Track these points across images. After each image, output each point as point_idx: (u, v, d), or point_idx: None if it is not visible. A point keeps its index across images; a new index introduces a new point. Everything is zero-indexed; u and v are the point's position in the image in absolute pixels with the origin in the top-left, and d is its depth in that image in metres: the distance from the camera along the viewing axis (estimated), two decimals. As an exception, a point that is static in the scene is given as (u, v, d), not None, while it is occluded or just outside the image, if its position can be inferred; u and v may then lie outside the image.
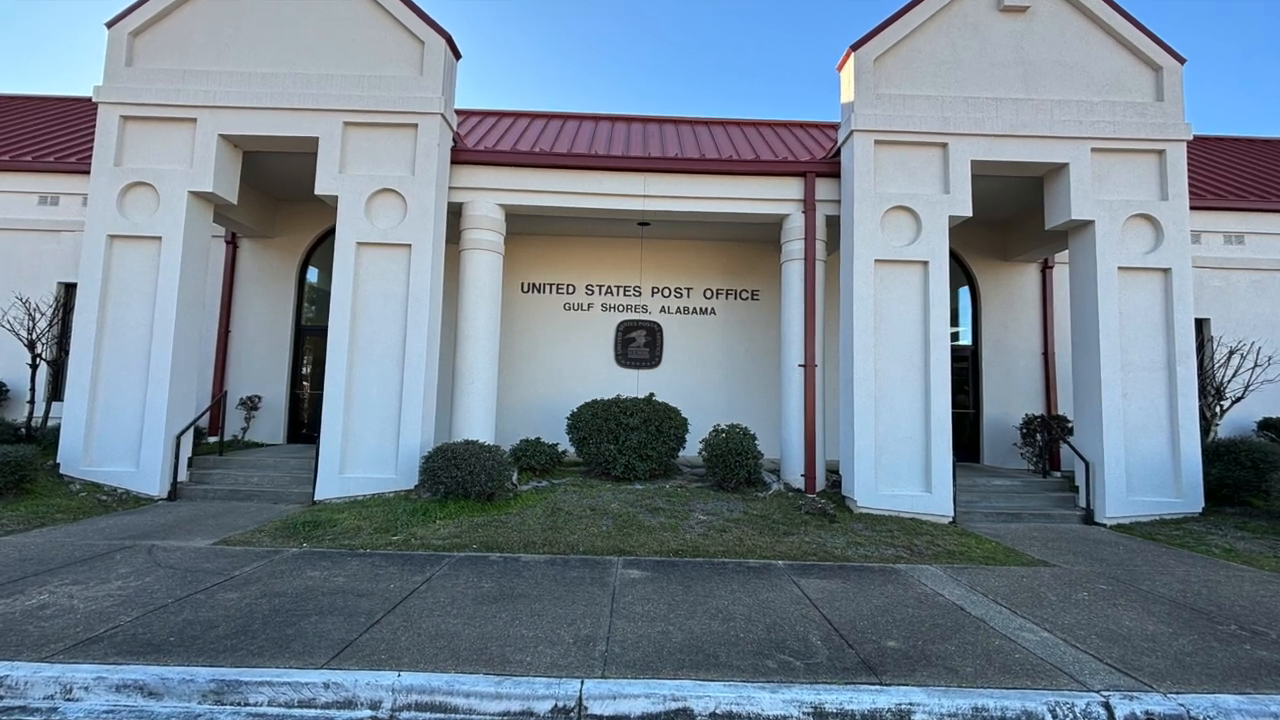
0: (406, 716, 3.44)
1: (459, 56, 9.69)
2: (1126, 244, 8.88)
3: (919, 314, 8.74)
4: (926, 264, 8.76)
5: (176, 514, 7.65)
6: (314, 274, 12.13)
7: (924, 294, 8.75)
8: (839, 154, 9.68)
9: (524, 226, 11.46)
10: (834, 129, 13.56)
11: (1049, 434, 10.65)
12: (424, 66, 9.05)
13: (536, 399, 11.68)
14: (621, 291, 12.15)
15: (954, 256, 11.40)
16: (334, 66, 9.04)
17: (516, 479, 8.72)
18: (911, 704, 3.47)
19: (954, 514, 8.35)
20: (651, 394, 9.81)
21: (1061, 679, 3.79)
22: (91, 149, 9.60)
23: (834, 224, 9.85)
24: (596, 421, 9.21)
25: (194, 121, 8.85)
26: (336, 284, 8.68)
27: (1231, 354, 10.46)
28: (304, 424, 11.73)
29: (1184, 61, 9.14)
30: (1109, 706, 3.53)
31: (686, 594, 5.15)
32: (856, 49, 9.13)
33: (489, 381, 9.47)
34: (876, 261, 8.79)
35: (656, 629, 4.38)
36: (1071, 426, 10.21)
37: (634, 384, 11.70)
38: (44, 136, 12.72)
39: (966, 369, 12.03)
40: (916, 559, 6.53)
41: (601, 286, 12.14)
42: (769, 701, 3.46)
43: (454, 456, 7.84)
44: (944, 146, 8.95)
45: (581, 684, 3.55)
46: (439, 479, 7.82)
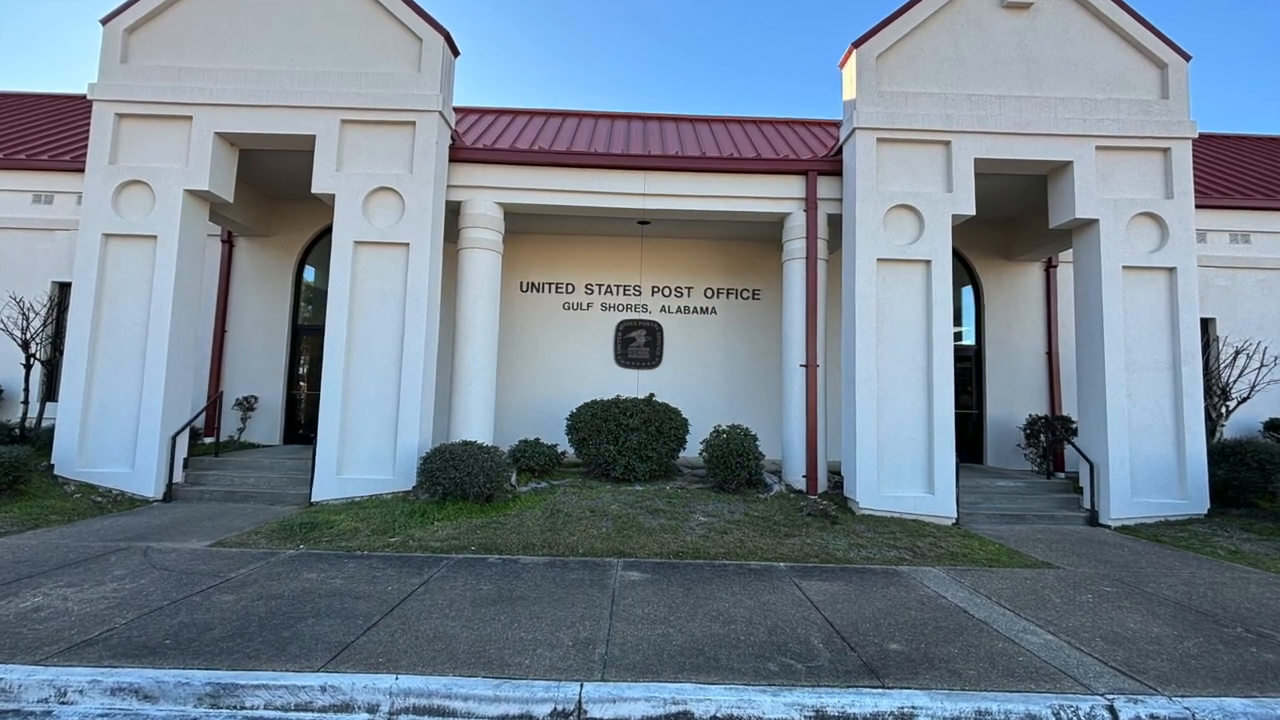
0: (404, 720, 3.41)
1: (457, 54, 9.65)
2: (1131, 243, 8.82)
3: (921, 313, 8.68)
4: (929, 263, 8.70)
5: (172, 515, 7.62)
6: (311, 273, 12.06)
7: (927, 293, 8.69)
8: (841, 152, 9.61)
9: (523, 225, 11.39)
10: (836, 127, 13.49)
11: (1053, 435, 10.59)
12: (422, 64, 9.00)
13: (535, 399, 11.61)
14: (621, 291, 12.08)
15: (957, 255, 11.36)
16: (331, 64, 8.98)
17: (515, 480, 8.67)
18: (914, 707, 3.45)
19: (957, 515, 8.29)
20: (651, 394, 9.76)
21: (1065, 682, 3.77)
22: (86, 147, 9.54)
23: (836, 223, 9.79)
24: (596, 422, 9.15)
25: (190, 119, 8.81)
26: (333, 283, 8.63)
27: (1237, 354, 10.39)
28: (301, 424, 11.66)
29: (1189, 58, 9.08)
30: (1113, 710, 3.50)
31: (687, 596, 5.12)
32: (859, 46, 9.07)
33: (487, 382, 9.41)
34: (879, 260, 8.73)
35: (657, 631, 4.35)
36: (1076, 427, 10.14)
37: (634, 384, 11.63)
38: (38, 134, 12.65)
39: (970, 369, 11.96)
40: (919, 561, 6.49)
41: (601, 286, 12.07)
42: (770, 705, 3.45)
43: (452, 457, 7.80)
44: (947, 144, 8.88)
45: (581, 687, 3.54)
46: (437, 480, 7.78)
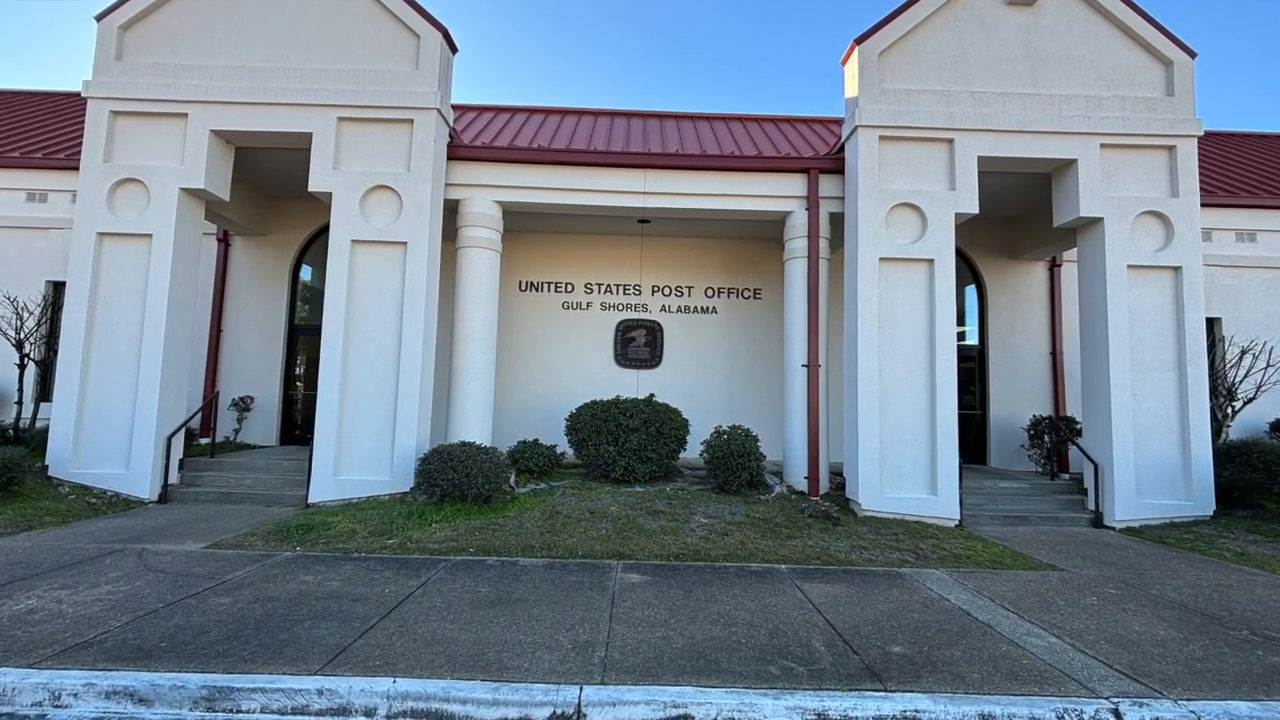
0: (401, 724, 3.38)
1: (455, 51, 9.58)
2: (1136, 242, 8.75)
3: (924, 313, 8.62)
4: (932, 262, 8.64)
5: (167, 517, 7.57)
6: (308, 272, 11.99)
7: (929, 293, 8.62)
8: (843, 150, 9.54)
9: (522, 224, 11.32)
10: (838, 124, 13.41)
11: (1057, 435, 10.52)
12: (419, 61, 8.93)
13: (534, 400, 11.54)
14: (621, 290, 12.00)
15: (960, 254, 11.29)
16: (328, 61, 8.92)
17: (514, 481, 8.61)
18: (917, 711, 3.42)
19: (960, 517, 8.24)
20: (652, 395, 9.68)
21: (1070, 685, 3.74)
22: (81, 145, 9.48)
23: (838, 221, 9.72)
24: (595, 423, 9.08)
25: (185, 117, 8.75)
26: (330, 282, 8.58)
27: (1243, 354, 10.35)
28: (297, 425, 11.58)
29: (1195, 55, 9.02)
30: (1118, 714, 3.48)
31: (687, 599, 5.09)
32: (861, 43, 9.00)
33: (486, 382, 9.35)
34: (881, 260, 8.67)
35: (657, 634, 4.32)
36: (1080, 428, 10.07)
37: (634, 384, 11.55)
38: (32, 132, 12.57)
39: (973, 369, 11.87)
40: (922, 563, 6.45)
41: (601, 285, 11.99)
42: (771, 708, 3.42)
43: (450, 458, 7.75)
44: (950, 142, 8.82)
45: (580, 690, 3.51)
46: (435, 481, 7.73)
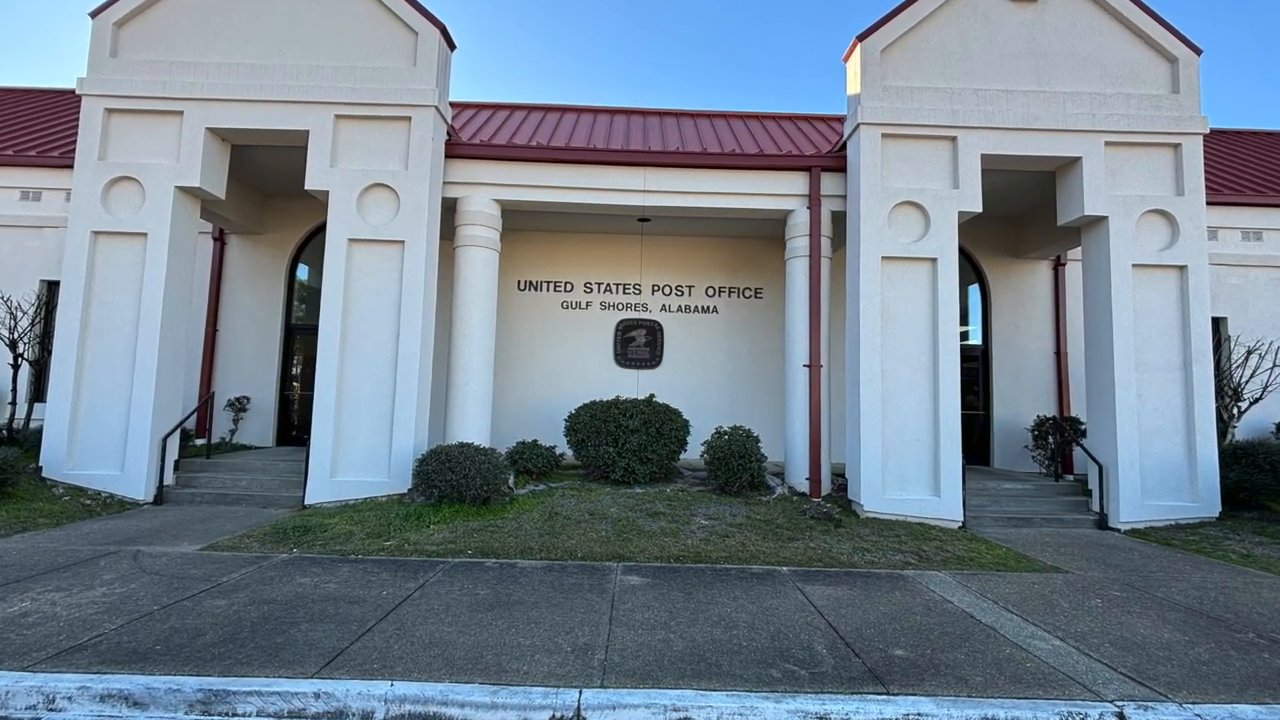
0: (399, 727, 3.34)
1: (453, 48, 9.52)
2: (1141, 240, 8.69)
3: (927, 313, 8.56)
4: (935, 261, 8.58)
5: (163, 518, 7.54)
6: (304, 271, 11.92)
7: (932, 292, 8.56)
8: (845, 148, 9.47)
9: (520, 223, 11.25)
10: (840, 122, 13.31)
11: (1061, 436, 10.46)
12: (417, 58, 8.87)
13: (533, 400, 11.47)
14: (621, 290, 11.92)
15: (963, 253, 11.22)
16: (325, 58, 8.85)
17: (513, 482, 8.55)
18: (919, 714, 3.41)
19: (963, 518, 8.17)
20: (652, 395, 9.61)
21: (1074, 688, 3.72)
22: (75, 143, 9.39)
23: (840, 220, 9.65)
24: (595, 423, 9.01)
25: (180, 114, 8.68)
26: (327, 282, 8.52)
27: (1249, 354, 10.28)
28: (294, 426, 11.51)
29: (1200, 52, 8.96)
30: (1123, 717, 3.47)
31: (688, 601, 5.07)
32: (863, 39, 8.92)
33: (484, 382, 9.28)
34: (884, 259, 8.61)
35: (657, 637, 4.29)
36: (1084, 428, 10.01)
37: (634, 385, 11.47)
38: (25, 130, 12.48)
39: (976, 369, 11.80)
40: (925, 565, 6.42)
41: (600, 284, 11.92)
42: (773, 712, 3.41)
43: (448, 459, 7.69)
44: (953, 140, 8.75)
45: (580, 693, 3.48)
46: (433, 482, 7.67)
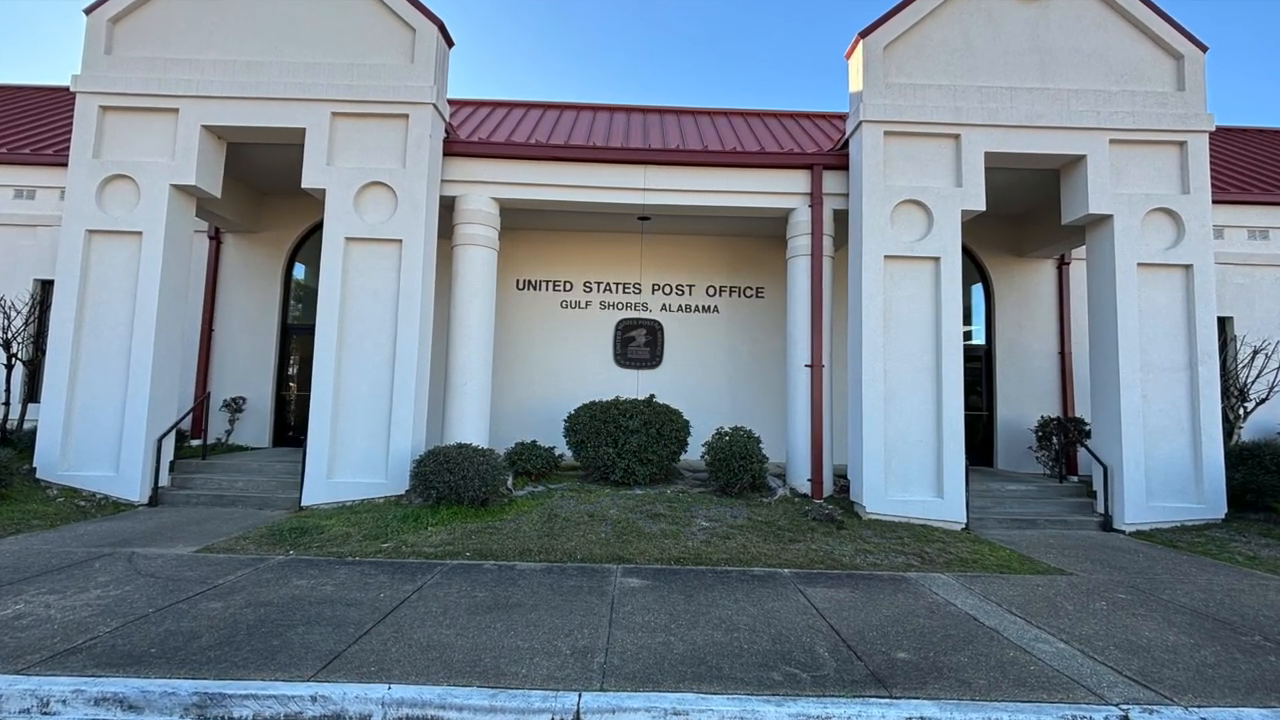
0: (397, 729, 3.31)
1: (451, 44, 9.45)
2: (1146, 239, 8.62)
3: (930, 312, 8.49)
4: (938, 260, 8.51)
5: (158, 520, 7.49)
6: (301, 270, 11.84)
7: (935, 291, 8.50)
8: (847, 146, 9.40)
9: (519, 221, 11.17)
10: (842, 120, 13.24)
11: (1065, 437, 10.39)
12: (415, 55, 8.80)
13: (532, 400, 11.39)
14: (621, 289, 11.84)
15: (967, 252, 11.14)
16: (321, 55, 8.78)
17: (512, 484, 8.48)
18: (922, 718, 3.40)
19: (967, 520, 8.11)
20: (652, 395, 9.54)
21: (1078, 692, 3.70)
22: (69, 140, 9.34)
23: (842, 219, 9.57)
24: (595, 424, 8.93)
25: (176, 112, 8.61)
26: (324, 281, 8.46)
27: (1256, 354, 10.22)
28: (290, 426, 11.45)
29: (1206, 49, 8.89)
30: None
31: (688, 603, 5.02)
32: (865, 36, 8.84)
33: (483, 382, 9.22)
34: (886, 258, 8.54)
35: (657, 640, 4.26)
36: (1089, 429, 9.93)
37: (634, 385, 11.39)
38: (19, 127, 12.42)
39: (980, 369, 11.72)
40: (928, 567, 6.36)
41: (600, 284, 11.84)
42: (774, 715, 3.41)
43: (446, 460, 7.62)
44: (956, 138, 8.68)
45: (579, 696, 3.46)
46: (431, 484, 7.60)
